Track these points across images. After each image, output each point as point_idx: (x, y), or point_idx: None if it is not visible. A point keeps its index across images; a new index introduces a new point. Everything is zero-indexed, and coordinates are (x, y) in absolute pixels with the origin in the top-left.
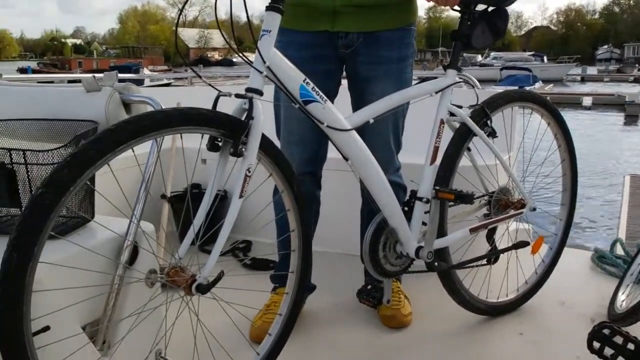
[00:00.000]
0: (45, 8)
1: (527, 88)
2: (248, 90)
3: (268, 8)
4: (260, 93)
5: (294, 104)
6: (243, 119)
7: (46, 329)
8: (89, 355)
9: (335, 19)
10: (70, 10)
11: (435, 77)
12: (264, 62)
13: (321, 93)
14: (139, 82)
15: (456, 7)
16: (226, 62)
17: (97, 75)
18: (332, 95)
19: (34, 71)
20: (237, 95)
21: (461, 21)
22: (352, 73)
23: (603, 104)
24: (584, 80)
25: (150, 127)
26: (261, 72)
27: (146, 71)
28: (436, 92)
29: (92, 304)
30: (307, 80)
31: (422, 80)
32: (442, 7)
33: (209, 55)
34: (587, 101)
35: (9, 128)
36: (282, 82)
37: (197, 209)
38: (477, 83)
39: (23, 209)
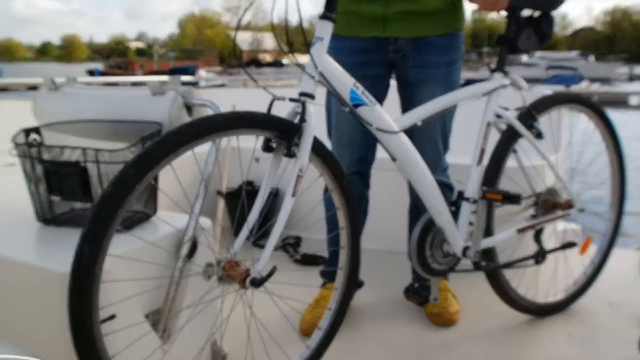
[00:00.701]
0: (113, 15)
1: (573, 87)
2: (301, 94)
3: (322, 17)
4: (313, 97)
5: (345, 108)
6: (296, 121)
7: (112, 317)
8: (151, 342)
9: (385, 26)
10: (135, 17)
11: (482, 80)
12: (317, 68)
13: (371, 97)
14: (196, 82)
15: (503, 12)
16: (277, 64)
17: (162, 79)
18: (381, 98)
19: (102, 73)
20: (292, 100)
21: (508, 26)
22: (401, 77)
23: None
24: (632, 79)
25: (210, 129)
26: (314, 78)
27: (202, 73)
28: (483, 95)
29: (154, 295)
30: (357, 84)
31: (468, 82)
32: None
33: (261, 58)
34: (634, 100)
35: (82, 128)
36: (333, 87)
37: (251, 206)
38: (525, 84)
39: (94, 205)
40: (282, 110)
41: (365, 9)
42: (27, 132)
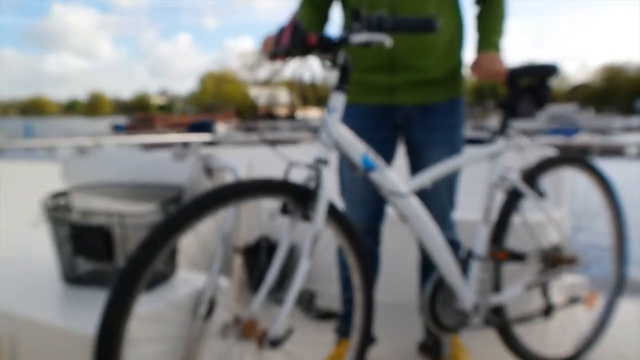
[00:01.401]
0: (137, 72)
1: (573, 137)
2: (316, 160)
3: (336, 89)
4: (327, 163)
5: (357, 173)
6: (311, 186)
7: None
8: None
9: (393, 94)
10: (157, 74)
11: (482, 140)
12: (331, 137)
13: (381, 161)
14: (214, 143)
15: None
16: (291, 118)
17: (185, 137)
18: (390, 159)
19: (125, 127)
20: (307, 166)
21: (508, 93)
22: (408, 140)
23: None
24: (628, 130)
25: (232, 195)
26: (328, 145)
27: (219, 127)
28: (488, 159)
29: (172, 355)
30: (369, 150)
31: (470, 141)
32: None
33: (276, 111)
34: (631, 150)
35: (107, 191)
36: (346, 153)
37: (266, 261)
38: (527, 143)
39: (120, 267)
40: (304, 156)
41: (373, 79)
42: (55, 195)
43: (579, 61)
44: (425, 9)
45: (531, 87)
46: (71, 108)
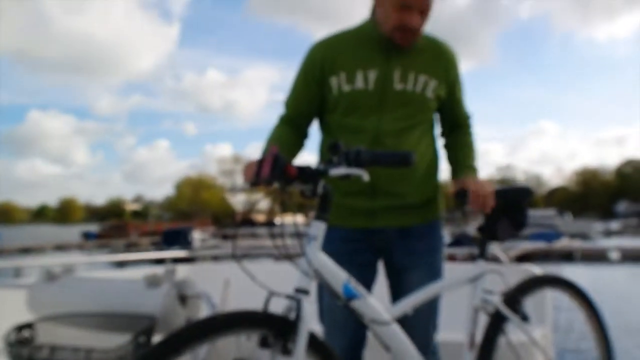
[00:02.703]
0: (112, 177)
1: (554, 242)
2: (297, 290)
3: (316, 218)
4: (308, 293)
5: (338, 302)
6: (291, 317)
7: None
8: None
9: (373, 218)
10: (133, 179)
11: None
12: (311, 266)
13: (362, 288)
14: (188, 244)
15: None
16: (270, 224)
17: (158, 272)
18: (370, 283)
19: (97, 235)
20: (287, 296)
21: (485, 217)
22: (388, 263)
23: (631, 257)
24: (608, 234)
25: (207, 332)
26: (308, 275)
27: (195, 234)
28: (469, 282)
29: None
30: (350, 278)
31: (458, 239)
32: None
33: (254, 218)
34: (614, 255)
35: (76, 321)
36: (327, 282)
37: None
38: (506, 259)
39: None
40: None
41: (353, 203)
42: (20, 328)
43: (554, 165)
44: (409, 139)
45: (507, 209)
46: (40, 214)
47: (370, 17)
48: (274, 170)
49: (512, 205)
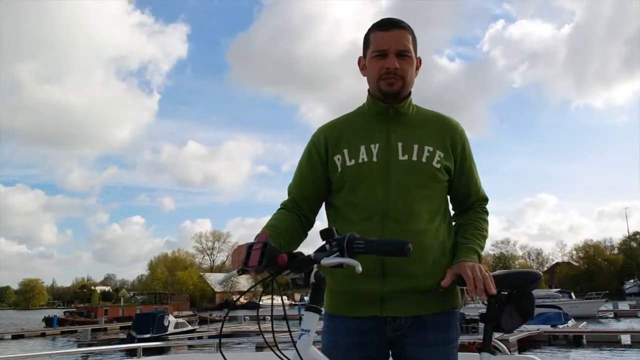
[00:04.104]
0: (81, 257)
1: (560, 326)
2: None
3: (307, 309)
4: None
5: None
6: None
7: None
8: None
9: (383, 305)
10: (103, 259)
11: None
12: None
13: None
14: (164, 329)
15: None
16: (252, 305)
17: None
18: None
19: (60, 320)
20: None
21: (489, 305)
22: (399, 355)
23: None
24: (617, 316)
25: None
26: None
27: (171, 317)
28: None
29: None
30: None
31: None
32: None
33: (234, 299)
34: (625, 339)
35: None
36: None
37: None
38: (509, 356)
39: None
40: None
41: (360, 287)
42: None
43: (554, 240)
44: (420, 215)
45: (513, 297)
46: (0, 298)
47: (368, 95)
48: (262, 259)
49: (518, 291)
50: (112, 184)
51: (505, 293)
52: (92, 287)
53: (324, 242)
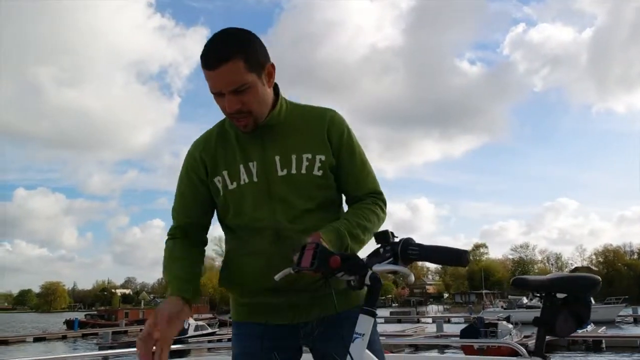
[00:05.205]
0: (101, 260)
1: (579, 331)
2: None
3: (362, 312)
4: None
5: None
6: None
7: None
8: None
9: (295, 312)
10: (124, 262)
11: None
12: None
13: None
14: (184, 332)
15: (537, 293)
16: None
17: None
18: None
19: (81, 323)
20: None
21: (543, 307)
22: (314, 350)
23: None
24: (636, 321)
25: None
26: None
27: (191, 320)
28: None
29: None
30: None
31: (470, 326)
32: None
33: None
34: None
35: None
36: None
37: None
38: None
39: None
40: None
41: (273, 300)
42: None
43: (573, 244)
44: (311, 223)
45: (569, 301)
46: (21, 301)
47: None
48: (314, 261)
49: (575, 296)
50: (132, 187)
51: (562, 297)
52: (113, 290)
53: (378, 246)
